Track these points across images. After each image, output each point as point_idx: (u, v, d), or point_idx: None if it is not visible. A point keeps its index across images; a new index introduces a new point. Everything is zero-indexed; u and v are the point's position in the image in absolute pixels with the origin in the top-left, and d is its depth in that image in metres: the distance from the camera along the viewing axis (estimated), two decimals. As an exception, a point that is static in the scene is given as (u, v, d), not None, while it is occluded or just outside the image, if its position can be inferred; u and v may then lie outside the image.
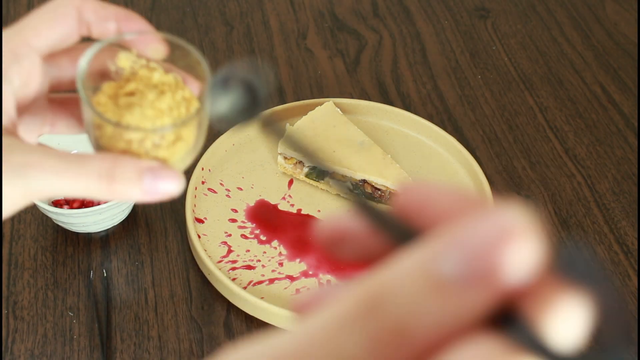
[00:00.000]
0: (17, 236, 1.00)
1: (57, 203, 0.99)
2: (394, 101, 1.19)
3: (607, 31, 1.32)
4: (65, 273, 0.96)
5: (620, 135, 1.15)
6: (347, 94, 1.20)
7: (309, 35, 1.30)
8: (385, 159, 1.02)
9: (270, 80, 0.42)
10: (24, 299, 0.94)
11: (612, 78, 1.24)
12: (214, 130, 1.13)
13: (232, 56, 1.26)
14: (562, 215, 1.05)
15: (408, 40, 1.30)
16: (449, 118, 1.17)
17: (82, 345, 0.90)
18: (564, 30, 1.33)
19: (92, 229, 0.97)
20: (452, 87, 1.22)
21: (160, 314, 0.93)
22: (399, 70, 1.24)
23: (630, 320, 0.26)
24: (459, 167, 1.07)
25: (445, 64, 1.26)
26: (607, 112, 1.19)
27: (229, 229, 0.99)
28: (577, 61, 1.27)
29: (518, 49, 1.29)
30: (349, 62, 1.26)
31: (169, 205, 1.04)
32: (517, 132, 1.15)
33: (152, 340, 0.90)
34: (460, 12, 1.36)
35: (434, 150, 1.10)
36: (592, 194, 1.07)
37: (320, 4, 1.36)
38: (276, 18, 1.33)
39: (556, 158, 1.12)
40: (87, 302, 0.93)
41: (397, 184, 0.99)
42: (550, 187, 1.08)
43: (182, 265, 0.98)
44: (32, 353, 0.89)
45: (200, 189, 1.03)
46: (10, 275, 0.96)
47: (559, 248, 0.26)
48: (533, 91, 1.22)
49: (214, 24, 1.32)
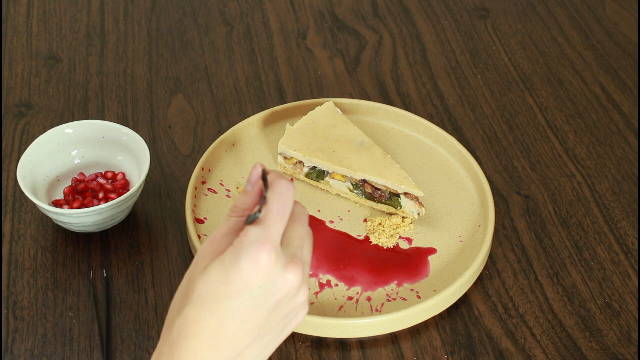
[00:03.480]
0: (17, 236, 1.00)
1: (57, 203, 0.99)
2: (394, 101, 1.19)
3: (607, 31, 1.32)
4: (65, 273, 0.96)
5: (620, 135, 1.15)
6: (347, 94, 1.20)
7: (309, 35, 1.30)
8: (385, 159, 1.02)
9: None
10: (24, 299, 0.94)
11: (612, 78, 1.24)
12: (213, 130, 1.13)
13: (232, 56, 1.26)
14: (562, 215, 1.05)
15: (408, 40, 1.30)
16: (449, 118, 1.17)
17: (82, 345, 0.90)
18: (564, 30, 1.33)
19: (92, 229, 0.97)
20: (452, 87, 1.22)
21: (160, 314, 0.93)
22: (399, 70, 1.25)
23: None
24: (459, 167, 1.07)
25: (445, 64, 1.26)
26: (607, 112, 1.19)
27: (229, 229, 0.99)
28: (577, 61, 1.27)
29: (518, 49, 1.29)
30: (349, 62, 1.26)
31: (169, 205, 1.04)
32: (517, 132, 1.15)
33: (152, 340, 0.90)
34: (460, 12, 1.36)
35: (434, 150, 1.10)
36: (592, 194, 1.07)
37: (320, 4, 1.36)
38: (276, 18, 1.33)
39: (556, 158, 1.12)
40: (87, 302, 0.93)
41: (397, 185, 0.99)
42: (550, 187, 1.08)
43: (182, 265, 0.98)
44: (32, 353, 0.89)
45: (200, 189, 1.03)
46: (10, 275, 0.96)
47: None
48: (533, 91, 1.22)
49: (214, 24, 1.32)
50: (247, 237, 0.63)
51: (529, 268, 0.98)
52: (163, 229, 1.01)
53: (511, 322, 0.93)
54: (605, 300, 0.95)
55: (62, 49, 1.26)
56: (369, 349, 0.90)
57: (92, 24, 1.30)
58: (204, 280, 0.63)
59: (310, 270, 0.96)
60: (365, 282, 0.95)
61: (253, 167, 0.67)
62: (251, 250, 0.62)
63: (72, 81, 1.21)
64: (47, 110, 1.16)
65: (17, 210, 1.02)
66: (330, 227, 1.01)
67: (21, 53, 1.25)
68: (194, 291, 0.63)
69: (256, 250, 0.62)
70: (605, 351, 0.91)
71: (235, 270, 0.62)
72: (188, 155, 1.10)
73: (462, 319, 0.93)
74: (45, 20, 1.31)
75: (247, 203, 0.67)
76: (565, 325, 0.93)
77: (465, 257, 0.97)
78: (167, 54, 1.26)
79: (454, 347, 0.91)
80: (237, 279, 0.62)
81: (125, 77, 1.21)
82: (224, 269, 0.62)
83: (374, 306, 0.92)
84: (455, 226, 1.01)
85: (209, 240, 0.66)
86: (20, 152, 1.08)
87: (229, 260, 0.62)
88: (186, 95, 1.19)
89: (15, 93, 1.18)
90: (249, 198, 0.67)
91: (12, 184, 1.05)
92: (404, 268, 0.96)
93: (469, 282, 0.95)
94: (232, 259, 0.62)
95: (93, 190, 1.00)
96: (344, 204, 1.03)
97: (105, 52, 1.25)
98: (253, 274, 0.62)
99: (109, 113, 1.16)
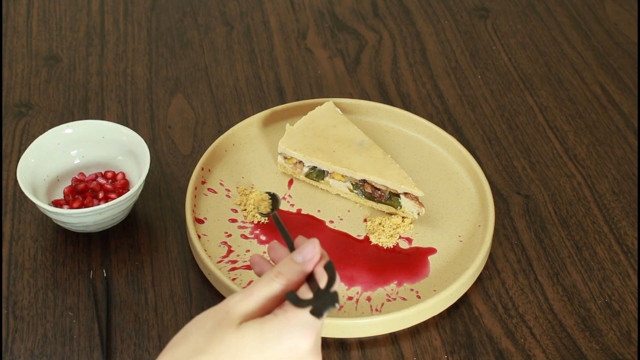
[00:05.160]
0: (17, 236, 1.00)
1: (57, 203, 0.99)
2: (394, 101, 1.19)
3: (607, 31, 1.32)
4: (65, 273, 0.96)
5: (620, 135, 1.15)
6: (347, 94, 1.20)
7: (309, 35, 1.30)
8: (385, 159, 1.02)
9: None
10: (24, 299, 0.94)
11: (612, 78, 1.24)
12: (213, 130, 1.13)
13: (232, 56, 1.26)
14: (562, 215, 1.05)
15: (408, 40, 1.30)
16: (449, 118, 1.17)
17: (82, 345, 0.90)
18: (564, 30, 1.33)
19: (92, 229, 0.97)
20: (452, 87, 1.22)
21: (160, 314, 0.93)
22: (399, 70, 1.25)
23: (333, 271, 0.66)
24: (459, 167, 1.07)
25: (445, 64, 1.26)
26: (607, 112, 1.19)
27: (229, 229, 0.99)
28: (577, 61, 1.27)
29: (518, 49, 1.29)
30: (349, 62, 1.26)
31: (169, 205, 1.04)
32: (517, 132, 1.15)
33: (152, 340, 0.90)
34: (460, 12, 1.36)
35: (434, 150, 1.10)
36: (592, 194, 1.07)
37: (320, 4, 1.36)
38: (276, 18, 1.33)
39: (556, 158, 1.12)
40: (87, 302, 0.93)
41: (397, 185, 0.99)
42: (550, 187, 1.08)
43: (182, 265, 0.98)
44: (32, 353, 0.89)
45: (200, 189, 1.03)
46: (10, 275, 0.96)
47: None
48: (533, 91, 1.22)
49: (214, 24, 1.32)
50: (298, 317, 0.62)
51: (529, 268, 0.98)
52: (163, 229, 1.01)
53: (511, 322, 0.93)
54: (605, 300, 0.95)
55: (62, 49, 1.26)
56: (369, 349, 0.90)
57: (92, 24, 1.30)
58: (237, 338, 0.61)
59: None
60: (365, 282, 0.95)
61: (310, 242, 0.66)
62: (297, 333, 0.61)
63: (72, 81, 1.21)
64: (47, 110, 1.16)
65: (17, 210, 1.02)
66: (330, 227, 1.01)
67: (21, 53, 1.25)
68: (219, 343, 0.61)
69: (301, 335, 0.61)
70: (605, 351, 0.91)
71: (274, 343, 0.61)
72: (188, 155, 1.10)
73: (462, 319, 0.93)
74: (45, 20, 1.31)
75: (296, 276, 0.65)
76: (565, 325, 0.93)
77: (465, 257, 0.97)
78: (167, 54, 1.26)
79: (454, 347, 0.91)
80: (272, 353, 0.61)
81: (125, 77, 1.21)
82: (262, 337, 0.61)
83: (374, 306, 0.92)
84: (455, 226, 1.01)
85: (245, 294, 0.64)
86: (20, 152, 1.08)
87: (269, 330, 0.61)
88: (186, 95, 1.19)
89: (15, 93, 1.18)
90: (299, 273, 0.65)
91: (12, 184, 1.05)
92: (404, 268, 0.96)
93: (469, 282, 0.95)
94: (275, 332, 0.61)
95: (93, 190, 1.00)
96: (344, 204, 1.03)
97: (105, 52, 1.25)
98: (289, 353, 0.61)
99: (109, 113, 1.16)
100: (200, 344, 0.62)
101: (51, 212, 0.94)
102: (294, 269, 0.66)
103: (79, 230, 0.98)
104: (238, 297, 0.64)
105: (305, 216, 1.02)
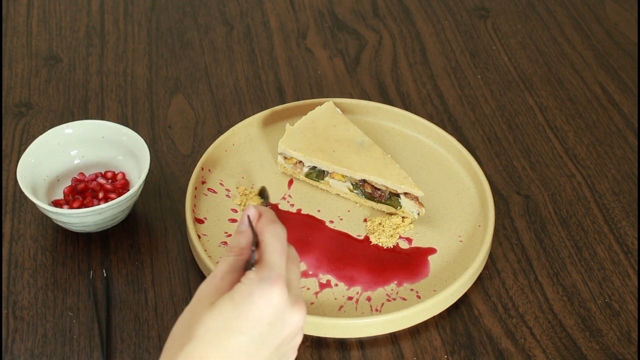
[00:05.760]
0: (17, 236, 1.00)
1: (57, 203, 0.99)
2: (394, 101, 1.19)
3: (607, 31, 1.32)
4: (65, 273, 0.96)
5: (620, 135, 1.15)
6: (347, 94, 1.20)
7: (309, 35, 1.30)
8: (385, 159, 1.02)
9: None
10: (24, 299, 0.94)
11: (612, 78, 1.24)
12: (213, 130, 1.13)
13: (232, 56, 1.26)
14: (562, 215, 1.05)
15: (408, 40, 1.30)
16: (449, 118, 1.17)
17: (82, 345, 0.90)
18: (564, 30, 1.33)
19: (92, 229, 0.97)
20: (452, 87, 1.22)
21: (160, 314, 0.93)
22: (399, 70, 1.25)
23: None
24: (459, 167, 1.07)
25: (445, 64, 1.26)
26: (607, 112, 1.19)
27: (229, 229, 0.99)
28: (577, 61, 1.27)
29: (518, 49, 1.29)
30: (349, 62, 1.26)
31: (169, 205, 1.04)
32: (517, 132, 1.15)
33: (152, 340, 0.90)
34: (460, 12, 1.36)
35: (434, 150, 1.10)
36: (592, 194, 1.07)
37: (320, 4, 1.36)
38: (276, 18, 1.33)
39: (556, 158, 1.12)
40: (87, 302, 0.93)
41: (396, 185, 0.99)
42: (550, 187, 1.08)
43: (182, 265, 0.98)
44: (32, 353, 0.89)
45: (200, 189, 1.03)
46: (10, 275, 0.96)
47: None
48: (533, 91, 1.22)
49: (214, 24, 1.32)
50: (259, 274, 0.64)
51: (529, 268, 0.98)
52: (163, 229, 1.01)
53: (511, 322, 0.93)
54: (605, 300, 0.95)
55: (62, 49, 1.26)
56: (369, 349, 0.90)
57: (92, 24, 1.30)
58: (213, 316, 0.63)
59: (310, 270, 0.96)
60: (365, 282, 0.95)
61: (245, 209, 0.70)
62: (264, 286, 0.63)
63: (72, 81, 1.21)
64: (47, 110, 1.16)
65: (17, 210, 1.02)
66: (330, 227, 1.01)
67: (21, 53, 1.25)
68: (199, 327, 0.63)
69: (269, 286, 0.63)
70: (605, 351, 0.91)
71: (248, 305, 0.63)
72: (188, 155, 1.10)
73: (462, 319, 0.93)
74: (45, 20, 1.31)
75: (243, 242, 0.69)
76: (565, 325, 0.93)
77: (465, 257, 0.97)
78: (167, 54, 1.26)
79: (454, 347, 0.91)
80: (249, 313, 0.63)
81: (125, 77, 1.22)
82: (235, 305, 0.63)
83: (374, 306, 0.92)
84: (455, 226, 1.01)
85: (209, 278, 0.66)
86: (20, 152, 1.08)
87: (239, 296, 0.63)
88: (186, 95, 1.19)
89: (15, 93, 1.18)
90: (244, 238, 0.69)
91: (12, 184, 1.05)
92: (404, 268, 0.96)
93: (469, 282, 0.95)
94: (244, 295, 0.63)
95: (93, 190, 1.00)
96: (344, 204, 1.03)
97: (105, 52, 1.26)
98: (265, 310, 0.63)
99: (109, 113, 1.16)
100: (185, 335, 0.64)
101: (51, 212, 0.94)
102: (237, 238, 0.69)
103: (79, 230, 0.98)
104: (204, 282, 0.67)
105: (305, 216, 1.02)
